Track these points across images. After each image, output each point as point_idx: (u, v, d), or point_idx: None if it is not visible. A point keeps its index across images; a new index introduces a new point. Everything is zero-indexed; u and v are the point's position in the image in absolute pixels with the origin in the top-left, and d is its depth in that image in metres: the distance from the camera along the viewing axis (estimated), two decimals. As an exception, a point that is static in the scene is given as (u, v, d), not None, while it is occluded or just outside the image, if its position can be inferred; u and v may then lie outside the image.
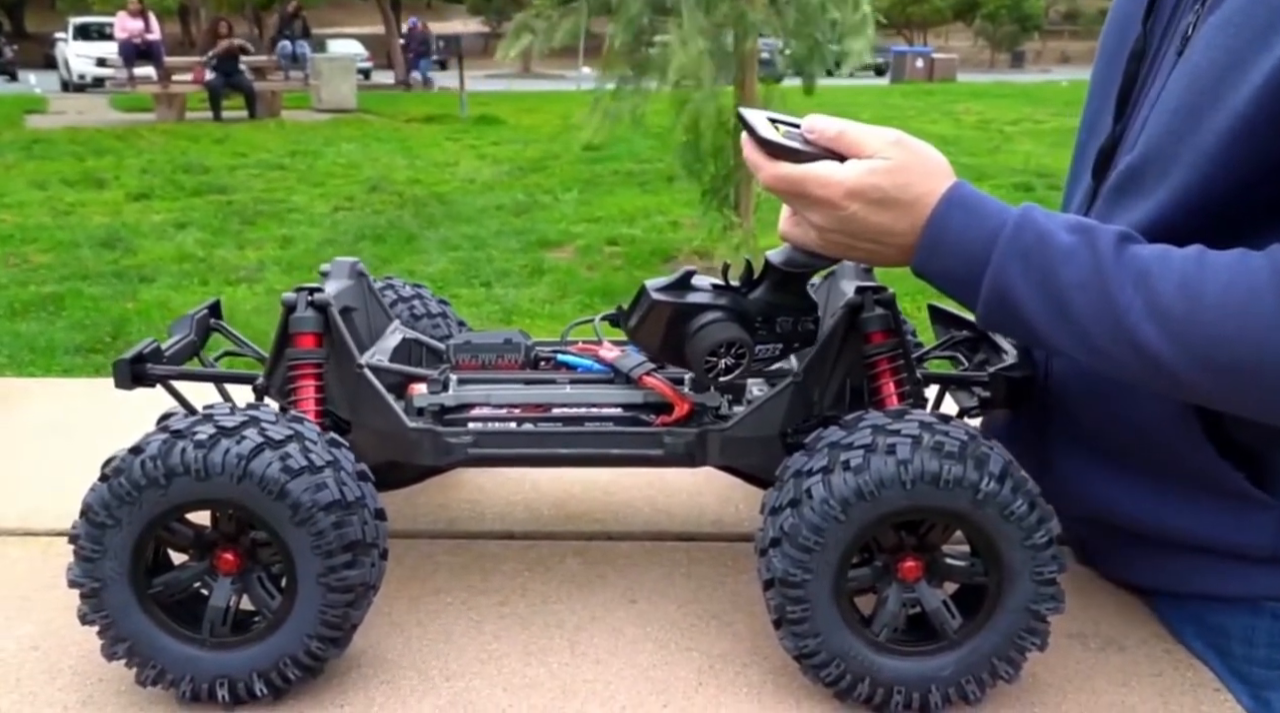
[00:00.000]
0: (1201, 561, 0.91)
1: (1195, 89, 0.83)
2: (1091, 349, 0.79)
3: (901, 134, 0.83)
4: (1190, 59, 0.85)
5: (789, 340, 0.93)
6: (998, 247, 0.80)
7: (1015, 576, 0.82)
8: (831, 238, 0.84)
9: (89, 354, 4.54)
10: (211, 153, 10.32)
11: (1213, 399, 0.79)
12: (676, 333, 0.89)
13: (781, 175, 0.83)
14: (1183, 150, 0.83)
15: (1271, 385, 0.73)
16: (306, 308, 0.97)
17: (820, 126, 0.84)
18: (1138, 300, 0.76)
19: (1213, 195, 0.81)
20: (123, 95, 15.45)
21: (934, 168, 0.83)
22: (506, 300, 5.37)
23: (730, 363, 0.89)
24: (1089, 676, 0.91)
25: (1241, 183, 0.80)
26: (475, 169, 9.68)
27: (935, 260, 0.82)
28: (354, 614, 0.85)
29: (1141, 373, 0.78)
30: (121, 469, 0.81)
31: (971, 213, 0.81)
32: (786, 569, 0.81)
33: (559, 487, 1.26)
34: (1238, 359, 0.73)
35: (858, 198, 0.81)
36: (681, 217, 7.23)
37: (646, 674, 0.90)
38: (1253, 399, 0.76)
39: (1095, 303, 0.77)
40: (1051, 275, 0.78)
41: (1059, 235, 0.79)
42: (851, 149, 0.82)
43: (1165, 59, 0.90)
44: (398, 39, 24.87)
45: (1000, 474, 0.80)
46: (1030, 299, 0.79)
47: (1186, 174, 0.82)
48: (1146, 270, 0.76)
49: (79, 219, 7.28)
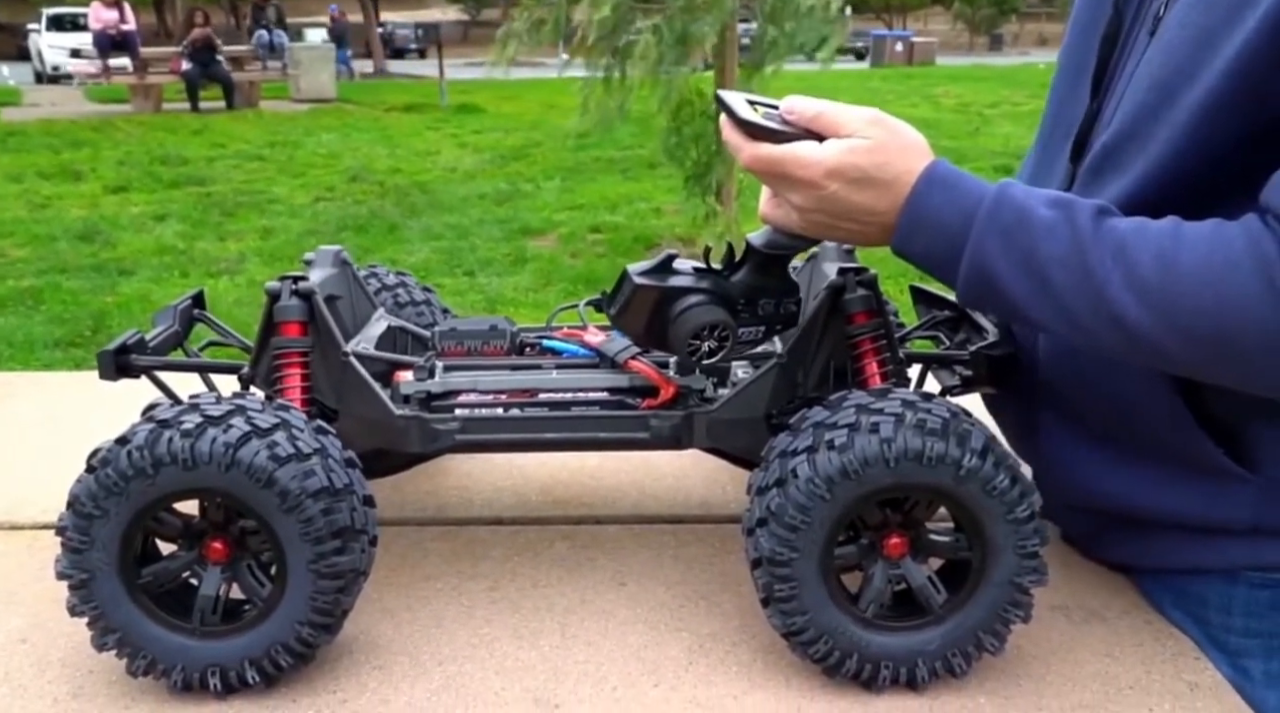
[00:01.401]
0: (1182, 537, 0.92)
1: (1169, 66, 0.84)
2: (1073, 323, 0.79)
3: (880, 113, 0.84)
4: (1163, 37, 0.86)
5: (771, 322, 0.93)
6: (976, 223, 0.80)
7: (999, 550, 0.83)
8: (813, 218, 0.85)
9: (69, 348, 4.52)
10: (190, 144, 10.26)
11: (1194, 370, 0.80)
12: (660, 316, 0.89)
13: (761, 156, 0.83)
14: (1158, 127, 0.83)
15: (1248, 355, 0.74)
16: (291, 296, 0.97)
17: (799, 107, 0.84)
18: (1116, 273, 0.76)
19: (1188, 169, 0.82)
20: (98, 87, 15.32)
21: (912, 146, 0.83)
22: (490, 289, 5.37)
23: (714, 345, 0.89)
24: (1072, 647, 0.92)
25: (1215, 156, 0.81)
26: (457, 158, 9.65)
27: (915, 239, 0.83)
28: (344, 601, 0.85)
29: (1123, 346, 0.79)
30: (108, 460, 0.81)
31: (950, 190, 0.82)
32: (773, 548, 0.82)
33: (546, 472, 1.26)
34: (1216, 329, 0.74)
35: (837, 177, 0.81)
36: (664, 203, 7.23)
37: (637, 655, 0.91)
38: (1231, 369, 0.77)
39: (1075, 276, 0.78)
40: (1031, 250, 0.79)
41: (1038, 210, 0.80)
42: (830, 129, 0.82)
43: (1138, 40, 0.91)
44: (376, 28, 24.73)
45: (982, 450, 0.81)
46: (1010, 275, 0.80)
47: (1162, 149, 0.83)
48: (1124, 243, 0.77)
49: (56, 212, 7.23)
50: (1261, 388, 0.78)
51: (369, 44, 25.01)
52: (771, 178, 0.85)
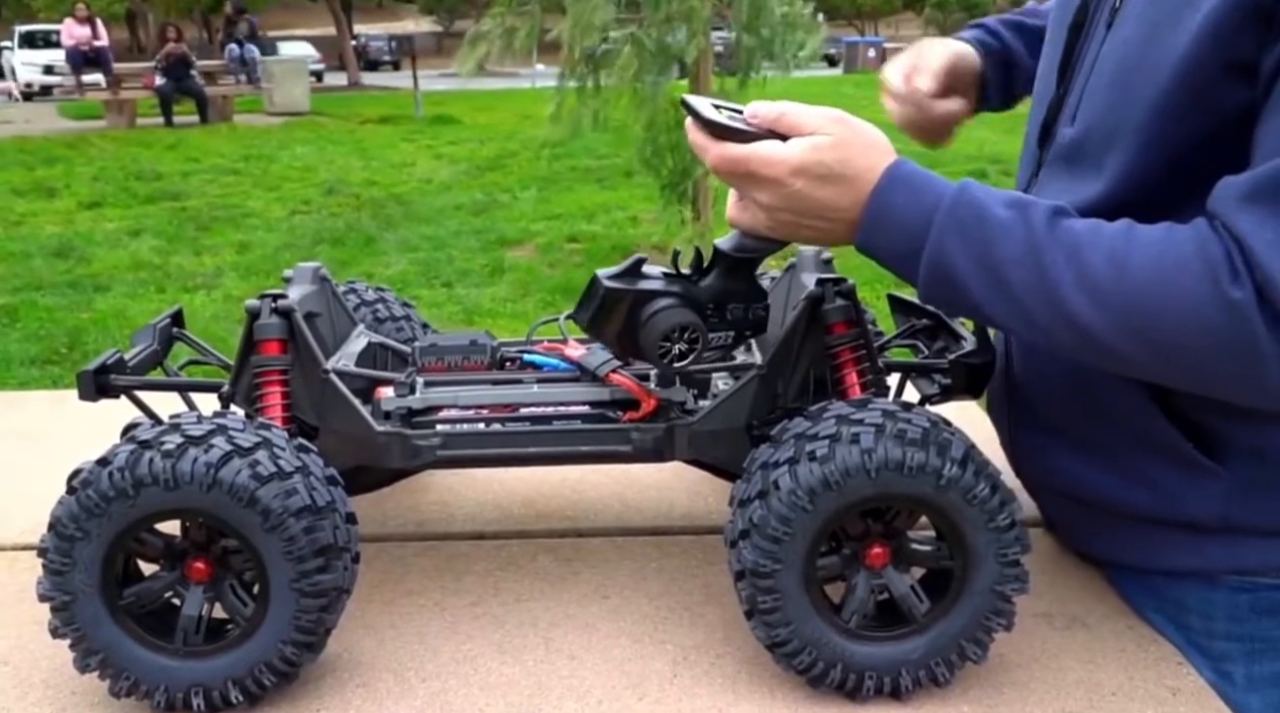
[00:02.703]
0: (1155, 533, 0.93)
1: (1125, 64, 0.85)
2: (1030, 323, 0.80)
3: (842, 112, 0.84)
4: (1120, 32, 0.87)
5: (740, 328, 0.93)
6: (936, 220, 0.81)
7: (980, 558, 0.83)
8: (779, 218, 0.85)
9: (45, 365, 4.48)
10: (164, 159, 10.20)
11: (1146, 371, 0.80)
12: (630, 320, 0.89)
13: (727, 156, 0.84)
14: (1119, 126, 0.85)
15: (1197, 357, 0.75)
16: (270, 314, 0.97)
17: (762, 110, 0.85)
18: (1068, 273, 0.77)
19: (1151, 172, 0.83)
20: (71, 103, 15.22)
21: (875, 143, 0.84)
22: (468, 300, 5.35)
23: (684, 348, 0.90)
24: (1055, 654, 0.93)
25: (1174, 157, 0.82)
26: (432, 169, 9.64)
27: (878, 236, 0.83)
28: (328, 619, 0.85)
29: (1077, 347, 0.79)
30: (89, 481, 0.81)
31: (912, 189, 0.82)
32: (756, 560, 0.82)
33: (528, 485, 1.26)
34: (1164, 331, 0.75)
35: (802, 174, 0.82)
36: (640, 212, 7.24)
37: (621, 668, 0.91)
38: (1184, 373, 0.78)
39: (1030, 276, 0.78)
40: (988, 250, 0.79)
41: (995, 209, 0.80)
42: (793, 129, 0.83)
43: (1097, 29, 0.92)
44: (349, 40, 24.65)
45: (962, 459, 0.82)
46: (969, 274, 0.80)
47: (1126, 151, 0.84)
48: (1077, 243, 0.78)
49: (30, 229, 7.17)
50: (1216, 392, 0.79)
51: (343, 56, 24.97)
52: (737, 178, 0.85)
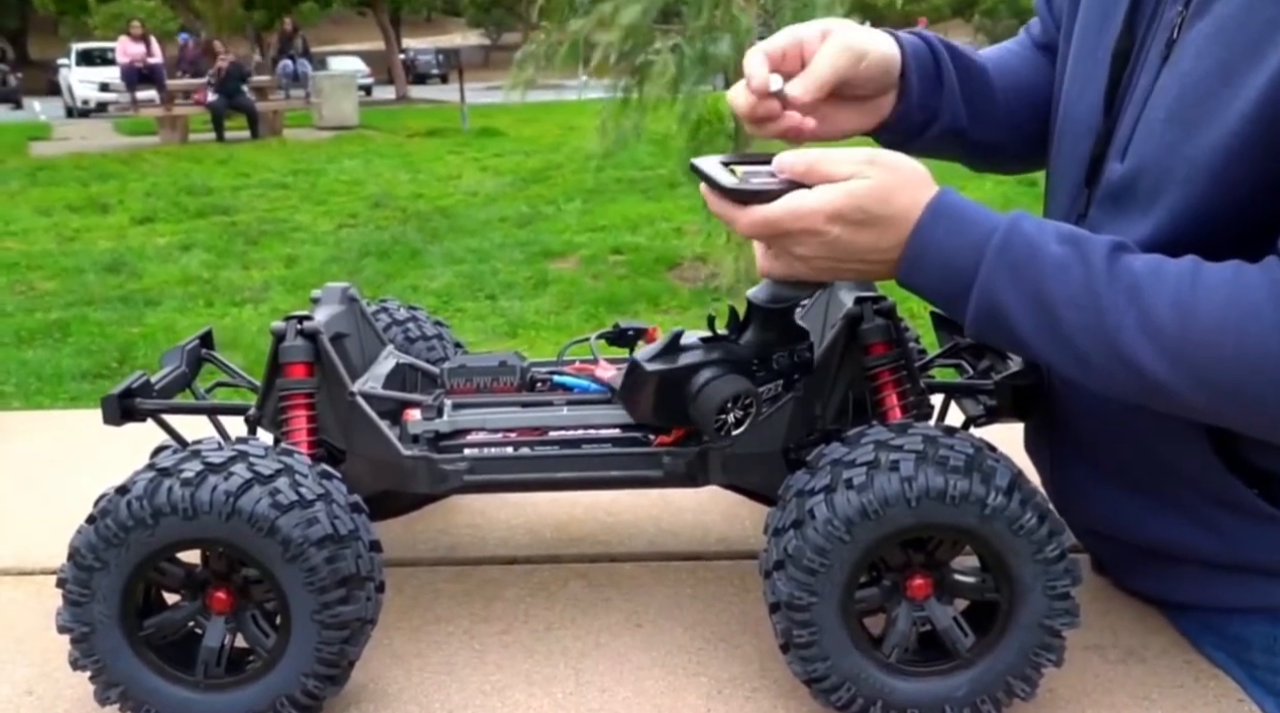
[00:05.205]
0: (1214, 574, 0.88)
1: (1186, 100, 0.80)
2: (1085, 365, 0.76)
3: (874, 151, 0.81)
4: (1179, 66, 0.82)
5: (788, 375, 0.92)
6: (986, 258, 0.77)
7: (1027, 591, 0.79)
8: (819, 264, 0.82)
9: (96, 380, 4.55)
10: (215, 174, 10.35)
11: (1212, 417, 0.77)
12: (679, 398, 0.88)
13: (758, 221, 0.80)
14: (1177, 164, 0.80)
15: (1266, 404, 0.71)
16: (296, 337, 0.95)
17: (789, 163, 0.81)
18: (1130, 316, 0.73)
19: (1213, 212, 0.78)
20: (126, 119, 15.52)
21: (912, 178, 0.80)
22: (511, 313, 5.35)
23: (739, 415, 0.87)
24: (1109, 689, 0.88)
25: (1239, 198, 0.77)
26: (478, 182, 9.69)
27: (920, 271, 0.80)
28: (350, 651, 0.83)
29: (1141, 393, 0.75)
30: (108, 511, 0.79)
31: (956, 222, 0.79)
32: (792, 593, 0.79)
33: (561, 509, 1.24)
34: (1237, 380, 0.71)
35: (839, 220, 0.79)
36: (685, 223, 7.21)
37: (653, 702, 0.88)
38: (1256, 419, 0.74)
39: (1087, 317, 0.75)
40: (1042, 290, 0.76)
41: (1049, 247, 0.76)
42: (825, 179, 0.79)
43: (1149, 59, 0.87)
44: (397, 54, 24.95)
45: (1008, 488, 0.78)
46: (1021, 313, 0.77)
47: (1184, 190, 0.79)
48: (1138, 285, 0.74)
49: (84, 245, 7.30)
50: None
51: (391, 70, 25.26)
52: (774, 238, 0.82)
